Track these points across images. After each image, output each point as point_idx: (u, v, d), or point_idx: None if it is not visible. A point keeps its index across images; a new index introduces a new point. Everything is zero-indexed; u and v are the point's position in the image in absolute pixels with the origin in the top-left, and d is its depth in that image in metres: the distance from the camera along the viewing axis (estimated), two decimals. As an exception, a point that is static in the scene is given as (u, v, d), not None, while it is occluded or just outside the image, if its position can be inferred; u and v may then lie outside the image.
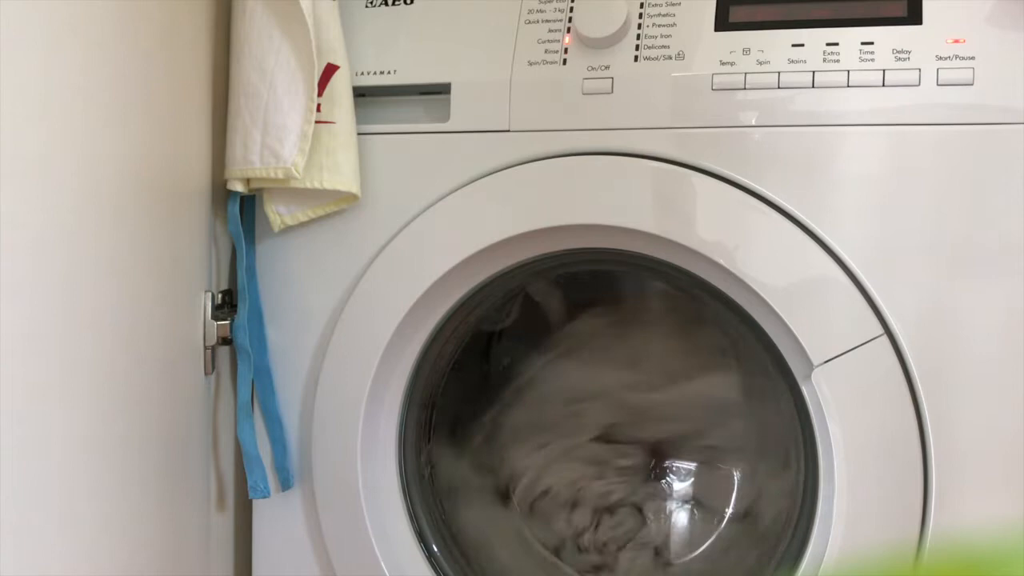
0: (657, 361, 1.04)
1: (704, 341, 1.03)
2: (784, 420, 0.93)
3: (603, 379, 1.06)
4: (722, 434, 1.03)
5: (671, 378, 1.03)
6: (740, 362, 1.02)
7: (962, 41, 0.76)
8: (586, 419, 1.06)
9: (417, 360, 0.93)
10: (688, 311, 1.01)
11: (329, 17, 0.88)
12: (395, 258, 0.89)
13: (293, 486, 0.94)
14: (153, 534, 0.83)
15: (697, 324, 1.02)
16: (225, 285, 0.96)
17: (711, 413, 1.02)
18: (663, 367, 1.04)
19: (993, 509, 0.75)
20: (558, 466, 1.05)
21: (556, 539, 1.04)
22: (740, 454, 1.02)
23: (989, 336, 0.75)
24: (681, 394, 1.03)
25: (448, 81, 0.88)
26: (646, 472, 1.03)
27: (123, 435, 0.77)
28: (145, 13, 0.78)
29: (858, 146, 0.78)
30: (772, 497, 0.98)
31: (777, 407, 0.95)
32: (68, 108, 0.70)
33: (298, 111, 0.86)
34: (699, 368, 1.02)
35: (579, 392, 1.07)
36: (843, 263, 0.78)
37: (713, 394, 1.02)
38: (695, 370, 1.02)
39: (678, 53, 0.83)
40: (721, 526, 1.01)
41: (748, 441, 1.02)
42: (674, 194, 0.82)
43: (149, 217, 0.80)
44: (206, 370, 0.92)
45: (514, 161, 0.86)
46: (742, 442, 1.02)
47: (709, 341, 1.02)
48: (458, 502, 1.05)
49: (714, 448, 1.03)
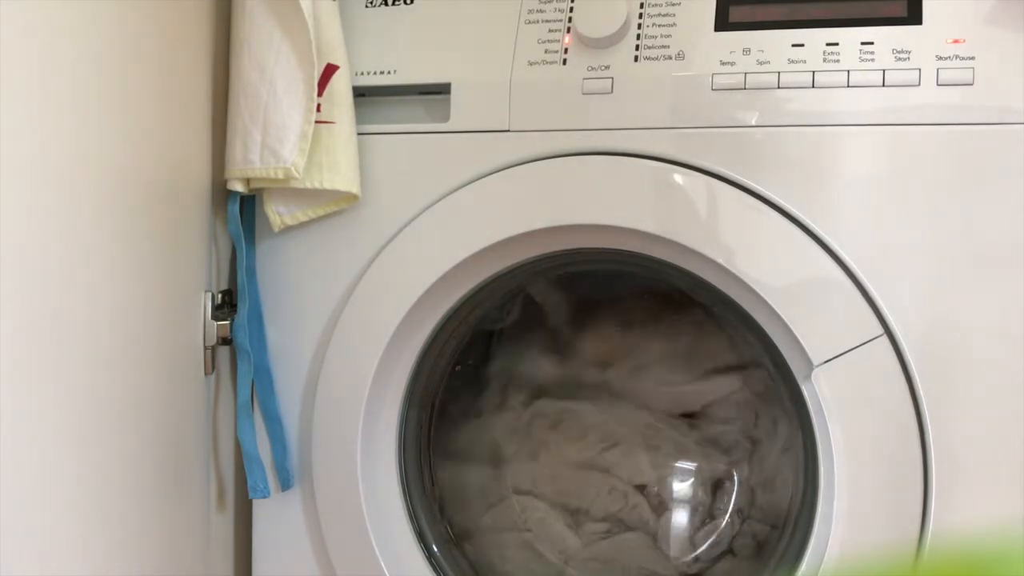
0: (657, 361, 1.04)
1: (704, 341, 1.03)
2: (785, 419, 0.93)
3: (603, 379, 1.06)
4: (722, 434, 1.03)
5: (672, 377, 1.03)
6: (740, 362, 1.02)
7: (962, 41, 0.76)
8: (586, 419, 1.06)
9: (417, 360, 0.93)
10: (688, 311, 1.01)
11: (329, 17, 0.88)
12: (395, 258, 0.89)
13: (293, 486, 0.94)
14: (153, 534, 0.83)
15: (697, 324, 1.02)
16: (225, 285, 0.96)
17: (711, 412, 1.02)
18: (663, 367, 1.04)
19: (993, 509, 0.75)
20: (558, 466, 1.05)
21: (557, 538, 1.04)
22: (740, 453, 1.02)
23: (989, 336, 0.75)
24: (681, 394, 1.03)
25: (448, 81, 0.88)
26: (646, 471, 1.03)
27: (123, 435, 0.77)
28: (145, 13, 0.78)
29: (858, 146, 0.78)
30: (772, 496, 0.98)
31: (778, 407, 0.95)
32: (67, 108, 0.70)
33: (298, 111, 0.86)
34: (699, 368, 1.02)
35: (579, 392, 1.07)
36: (843, 263, 0.78)
37: (713, 394, 1.02)
38: (695, 370, 1.02)
39: (678, 53, 0.83)
40: (721, 525, 1.01)
41: (748, 440, 1.02)
42: (674, 194, 0.82)
43: (149, 217, 0.80)
44: (206, 370, 0.92)
45: (514, 161, 0.86)
46: (742, 441, 1.02)
47: (709, 341, 1.02)
48: (458, 502, 1.05)
49: (714, 447, 1.02)
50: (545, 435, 1.06)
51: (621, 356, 1.06)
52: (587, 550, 1.02)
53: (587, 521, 1.03)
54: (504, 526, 1.05)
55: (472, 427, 1.07)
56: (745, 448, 1.02)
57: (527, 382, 1.08)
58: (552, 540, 1.03)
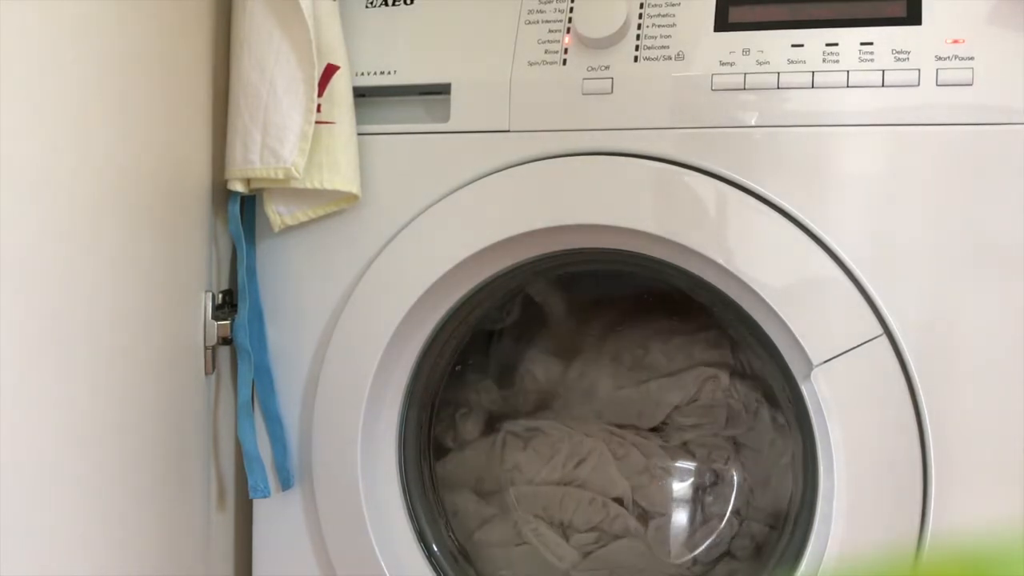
0: (657, 361, 1.04)
1: (704, 341, 1.03)
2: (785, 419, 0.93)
3: (603, 378, 1.06)
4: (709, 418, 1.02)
5: (671, 378, 1.03)
6: (740, 362, 1.02)
7: (962, 41, 0.76)
8: (586, 418, 1.06)
9: (417, 360, 0.93)
10: (688, 311, 1.01)
11: (329, 17, 0.88)
12: (395, 258, 0.89)
13: (293, 486, 0.94)
14: (153, 534, 0.83)
15: (697, 324, 1.02)
16: (225, 285, 0.96)
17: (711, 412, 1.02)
18: (663, 367, 1.04)
19: (993, 509, 0.75)
20: (558, 466, 1.05)
21: (557, 538, 1.04)
22: (740, 452, 1.02)
23: (989, 336, 0.75)
24: (681, 393, 1.03)
25: (448, 81, 0.88)
26: (646, 471, 1.03)
27: (123, 435, 0.78)
28: (145, 13, 0.78)
29: (858, 146, 0.78)
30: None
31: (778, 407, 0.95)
32: (67, 108, 0.70)
33: (298, 111, 0.86)
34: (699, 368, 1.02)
35: (579, 392, 1.07)
36: (843, 263, 0.78)
37: (713, 393, 1.02)
38: (695, 370, 1.02)
39: (678, 53, 0.83)
40: (721, 525, 1.01)
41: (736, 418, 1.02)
42: (674, 194, 0.82)
43: (149, 217, 0.80)
44: (206, 370, 0.92)
45: (514, 161, 0.86)
46: (742, 440, 1.02)
47: (709, 341, 1.02)
48: (458, 502, 1.05)
49: (715, 447, 1.02)
50: (546, 434, 1.06)
51: (621, 355, 1.06)
52: (587, 561, 1.02)
53: (574, 533, 1.03)
54: (505, 525, 1.05)
55: (472, 427, 1.07)
56: (725, 450, 1.01)
57: (527, 382, 1.08)
58: (551, 547, 1.03)
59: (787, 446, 0.96)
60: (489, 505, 1.06)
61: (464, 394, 1.07)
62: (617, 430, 1.04)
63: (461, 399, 1.06)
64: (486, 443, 1.07)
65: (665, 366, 1.03)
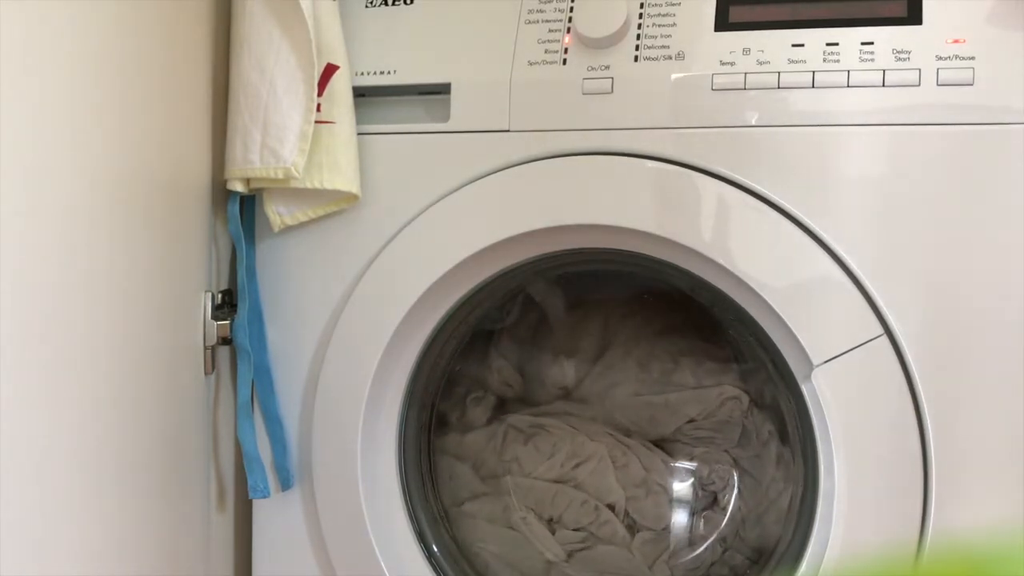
0: (657, 361, 1.04)
1: (704, 341, 1.03)
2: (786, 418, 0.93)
3: (603, 378, 1.06)
4: (722, 433, 1.02)
5: (672, 377, 1.03)
6: (741, 362, 1.02)
7: (962, 41, 0.76)
8: (587, 418, 1.06)
9: (417, 360, 0.93)
10: (688, 311, 1.01)
11: (329, 17, 0.88)
12: (395, 258, 0.89)
13: (293, 486, 0.94)
14: (153, 534, 0.83)
15: (697, 324, 1.02)
16: (225, 285, 0.96)
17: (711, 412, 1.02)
18: (663, 366, 1.03)
19: (993, 509, 0.75)
20: (557, 464, 1.05)
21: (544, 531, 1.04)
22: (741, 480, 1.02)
23: (989, 336, 0.75)
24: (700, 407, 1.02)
25: (448, 81, 0.88)
26: (644, 484, 1.03)
27: (123, 435, 0.77)
28: (145, 13, 0.78)
29: (858, 146, 0.78)
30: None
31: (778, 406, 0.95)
32: (66, 108, 0.69)
33: (298, 111, 0.86)
34: (700, 367, 1.02)
35: (579, 391, 1.07)
36: (843, 263, 0.78)
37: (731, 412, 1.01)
38: (695, 369, 1.02)
39: (678, 53, 0.83)
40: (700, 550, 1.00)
41: (748, 439, 1.02)
42: (674, 194, 0.82)
43: (149, 217, 0.80)
44: (206, 370, 0.92)
45: (514, 161, 0.86)
46: (742, 440, 1.02)
47: (709, 341, 1.02)
48: (458, 502, 1.05)
49: (717, 469, 1.02)
50: (546, 433, 1.05)
51: (621, 355, 1.05)
52: (572, 561, 1.02)
53: (561, 529, 1.03)
54: (505, 526, 1.05)
55: (471, 426, 1.07)
56: (727, 475, 1.01)
57: (527, 381, 1.08)
58: (537, 538, 1.03)
59: (787, 487, 0.95)
60: (484, 484, 1.05)
61: (481, 375, 1.06)
62: (623, 438, 1.03)
63: (477, 380, 1.06)
64: (488, 432, 1.07)
65: (691, 384, 1.02)
